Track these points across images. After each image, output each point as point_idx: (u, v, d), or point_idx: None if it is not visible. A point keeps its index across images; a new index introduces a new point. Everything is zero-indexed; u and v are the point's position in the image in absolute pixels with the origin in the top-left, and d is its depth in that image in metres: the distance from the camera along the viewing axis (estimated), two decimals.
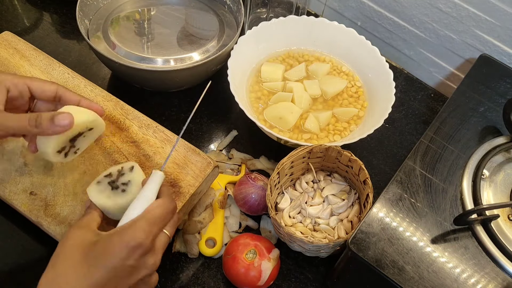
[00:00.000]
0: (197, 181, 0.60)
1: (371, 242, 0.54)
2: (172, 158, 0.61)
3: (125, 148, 0.62)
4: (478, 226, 0.56)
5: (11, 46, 0.71)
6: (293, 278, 0.65)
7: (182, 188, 0.59)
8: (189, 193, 0.59)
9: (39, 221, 0.58)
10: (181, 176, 0.60)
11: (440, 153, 0.63)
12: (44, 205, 0.59)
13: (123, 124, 0.65)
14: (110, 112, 0.65)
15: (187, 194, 0.59)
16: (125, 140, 0.63)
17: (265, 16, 0.90)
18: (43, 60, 0.70)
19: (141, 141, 0.63)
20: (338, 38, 0.81)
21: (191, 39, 0.80)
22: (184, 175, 0.60)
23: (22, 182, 0.60)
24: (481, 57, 0.76)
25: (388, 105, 0.70)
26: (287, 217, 0.65)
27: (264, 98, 0.76)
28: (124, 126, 0.64)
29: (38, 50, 0.71)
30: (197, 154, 0.62)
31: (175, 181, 0.60)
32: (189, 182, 0.60)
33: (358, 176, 0.64)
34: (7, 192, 0.60)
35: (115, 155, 0.62)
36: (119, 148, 0.62)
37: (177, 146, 0.62)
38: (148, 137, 0.63)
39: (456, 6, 0.75)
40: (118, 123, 0.65)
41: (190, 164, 0.61)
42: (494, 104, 0.70)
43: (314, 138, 0.73)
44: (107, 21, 0.80)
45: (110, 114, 0.65)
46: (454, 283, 0.52)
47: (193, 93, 0.81)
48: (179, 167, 0.61)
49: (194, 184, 0.59)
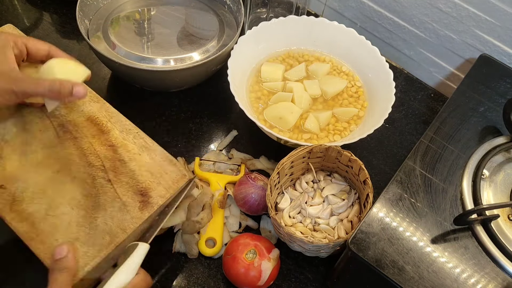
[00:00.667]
0: (168, 193, 0.58)
1: (371, 242, 0.54)
2: (147, 166, 0.60)
3: (102, 151, 0.61)
4: (478, 226, 0.56)
5: None
6: (293, 278, 0.65)
7: (152, 199, 0.57)
8: (157, 204, 0.57)
9: (3, 215, 0.57)
10: (153, 186, 0.58)
11: (440, 153, 0.63)
12: (12, 200, 0.57)
13: (105, 126, 0.63)
14: (94, 113, 0.64)
15: (155, 205, 0.57)
16: (104, 143, 0.62)
17: (265, 16, 0.90)
18: None
19: (119, 146, 0.62)
20: (338, 38, 0.81)
21: (191, 39, 0.80)
22: (156, 185, 0.58)
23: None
24: (481, 57, 0.76)
25: (388, 105, 0.70)
26: (287, 217, 0.65)
27: (264, 98, 0.77)
28: (105, 129, 0.63)
29: None
30: (173, 164, 0.60)
31: (145, 190, 0.58)
32: (160, 193, 0.58)
33: (358, 176, 0.64)
34: None
35: (90, 157, 0.61)
36: (96, 150, 0.61)
37: (154, 155, 0.61)
38: (127, 142, 0.62)
39: (456, 6, 0.75)
40: (100, 125, 0.64)
41: (164, 175, 0.59)
42: (494, 104, 0.70)
43: (314, 138, 0.73)
44: (107, 21, 0.80)
45: (94, 116, 0.64)
46: (454, 283, 0.52)
47: (193, 93, 0.82)
48: (152, 176, 0.59)
49: (164, 195, 0.58)
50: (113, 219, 0.56)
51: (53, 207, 0.56)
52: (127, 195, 0.58)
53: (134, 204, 0.57)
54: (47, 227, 0.55)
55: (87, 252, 0.53)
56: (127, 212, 0.56)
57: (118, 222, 0.56)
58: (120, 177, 0.59)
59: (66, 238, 0.54)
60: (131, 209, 0.57)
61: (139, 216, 0.56)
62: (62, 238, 0.54)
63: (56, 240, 0.54)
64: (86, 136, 0.62)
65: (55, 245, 0.53)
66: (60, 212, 0.56)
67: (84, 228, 0.55)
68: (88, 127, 0.63)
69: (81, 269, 0.52)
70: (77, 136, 0.62)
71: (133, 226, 0.55)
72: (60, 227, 0.55)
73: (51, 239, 0.54)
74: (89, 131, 0.63)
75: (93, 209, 0.56)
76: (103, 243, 0.54)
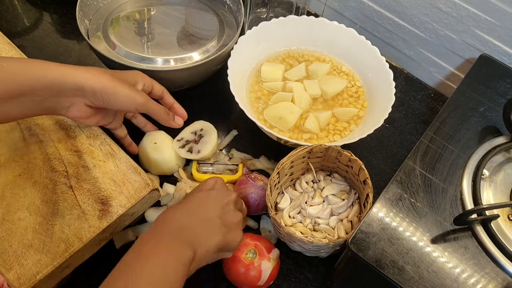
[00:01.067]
0: (129, 202, 0.57)
1: (371, 242, 0.54)
2: (110, 174, 0.59)
3: (66, 156, 0.60)
4: (478, 226, 0.56)
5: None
6: (293, 278, 0.65)
7: (112, 208, 0.56)
8: (117, 213, 0.56)
9: None
10: (114, 195, 0.57)
11: (440, 153, 0.63)
12: None
13: (73, 131, 0.63)
14: (64, 118, 0.63)
15: (115, 214, 0.56)
16: (70, 148, 0.61)
17: (265, 16, 0.90)
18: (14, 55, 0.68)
19: (84, 152, 0.61)
20: (338, 38, 0.81)
21: (191, 39, 0.80)
22: (117, 194, 0.58)
23: None
24: (481, 57, 0.76)
25: (388, 105, 0.70)
26: (287, 217, 0.65)
27: (264, 98, 0.77)
28: (73, 134, 0.63)
29: (12, 45, 0.70)
30: (138, 173, 0.59)
31: (106, 198, 0.57)
32: (121, 202, 0.57)
33: (358, 176, 0.64)
34: None
35: (54, 161, 0.60)
36: (60, 155, 0.60)
37: (119, 162, 0.60)
38: (93, 148, 0.61)
39: (456, 6, 0.75)
40: (68, 129, 0.63)
41: (127, 183, 0.58)
42: (494, 104, 0.70)
43: (314, 138, 0.73)
44: (107, 21, 0.80)
45: (63, 120, 0.63)
46: (454, 283, 0.52)
47: (193, 93, 0.81)
48: (115, 184, 0.58)
49: (125, 205, 0.57)
50: (70, 227, 0.55)
51: (11, 212, 0.55)
52: (87, 203, 0.57)
53: (93, 213, 0.56)
54: (2, 232, 0.54)
55: (40, 260, 0.52)
56: (86, 221, 0.55)
57: (75, 231, 0.54)
58: (82, 184, 0.58)
59: (21, 244, 0.53)
60: (89, 218, 0.56)
61: (97, 225, 0.55)
62: (17, 244, 0.53)
63: (10, 246, 0.53)
64: (52, 141, 0.61)
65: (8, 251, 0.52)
66: (17, 217, 0.55)
67: (40, 235, 0.54)
68: (56, 131, 0.62)
69: (33, 277, 0.51)
70: (43, 140, 0.61)
71: (89, 235, 0.54)
72: (16, 233, 0.54)
73: (5, 245, 0.53)
74: (56, 135, 0.62)
75: (51, 216, 0.55)
76: (58, 252, 0.53)
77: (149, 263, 0.45)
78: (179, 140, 0.71)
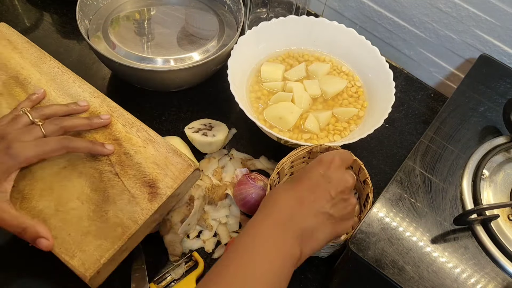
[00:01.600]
0: (176, 183, 0.58)
1: (371, 242, 0.54)
2: (152, 158, 0.60)
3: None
4: (478, 226, 0.56)
5: (5, 37, 0.71)
6: (293, 278, 0.64)
7: (160, 189, 0.58)
8: (166, 194, 0.58)
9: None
10: (160, 177, 0.59)
11: (440, 153, 0.63)
12: (21, 197, 0.58)
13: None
14: (96, 108, 0.65)
15: (164, 195, 0.58)
16: (108, 137, 0.62)
17: (265, 16, 0.90)
18: (35, 53, 0.69)
19: (123, 139, 0.62)
20: (338, 38, 0.81)
21: (191, 39, 0.80)
22: (163, 176, 0.59)
23: None
24: (481, 57, 0.76)
25: (388, 105, 0.70)
26: None
27: (264, 98, 0.77)
28: (108, 124, 0.64)
29: (31, 43, 0.71)
30: (179, 155, 0.61)
31: (153, 181, 0.58)
32: (168, 183, 0.58)
33: (358, 176, 0.64)
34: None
35: None
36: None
37: (158, 147, 0.61)
38: (131, 135, 0.62)
39: (456, 6, 0.75)
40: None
41: (170, 166, 0.60)
42: (494, 104, 0.70)
43: (314, 138, 0.73)
44: (107, 21, 0.80)
45: (96, 111, 0.64)
46: (454, 283, 0.52)
47: (193, 93, 0.82)
48: (159, 167, 0.60)
49: (172, 186, 0.58)
50: (123, 211, 0.56)
51: (62, 203, 0.57)
52: (135, 187, 0.58)
53: (143, 196, 0.57)
54: (59, 223, 0.56)
55: (101, 245, 0.54)
56: (137, 204, 0.57)
57: (128, 214, 0.56)
58: (127, 170, 0.59)
59: (79, 232, 0.55)
60: (140, 201, 0.57)
61: (149, 207, 0.57)
62: (75, 232, 0.55)
63: (68, 235, 0.55)
64: (89, 132, 0.63)
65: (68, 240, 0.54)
66: (70, 207, 0.57)
67: (96, 222, 0.56)
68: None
69: (97, 262, 0.53)
70: (81, 132, 0.62)
71: (143, 217, 0.56)
72: (71, 222, 0.56)
73: (64, 234, 0.55)
74: None
75: (103, 203, 0.57)
76: (116, 235, 0.55)
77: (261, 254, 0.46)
78: (190, 128, 0.72)
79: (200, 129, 0.72)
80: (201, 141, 0.70)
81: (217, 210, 0.68)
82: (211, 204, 0.69)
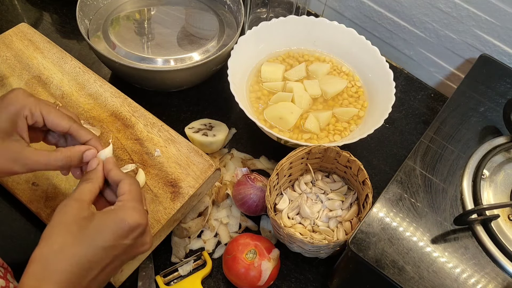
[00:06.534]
0: (198, 183, 0.60)
1: (371, 242, 0.54)
2: (174, 158, 0.61)
3: (128, 145, 0.63)
4: (478, 226, 0.56)
5: (26, 37, 0.72)
6: (293, 278, 0.65)
7: (182, 189, 0.59)
8: (188, 194, 0.59)
9: (39, 212, 0.59)
10: (182, 177, 0.60)
11: (440, 153, 0.63)
12: (45, 196, 0.59)
13: (129, 121, 0.65)
14: (117, 108, 0.66)
15: (186, 195, 0.59)
16: (130, 137, 0.63)
17: (265, 16, 0.90)
18: (56, 53, 0.70)
19: (145, 139, 0.63)
20: (338, 38, 0.81)
21: (191, 39, 0.80)
22: (185, 176, 0.60)
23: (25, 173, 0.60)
24: (481, 57, 0.76)
25: (388, 105, 0.70)
26: (286, 218, 0.65)
27: (264, 98, 0.76)
28: (130, 123, 0.65)
29: (52, 43, 0.72)
30: (200, 155, 0.62)
31: (175, 181, 0.60)
32: (190, 183, 0.60)
33: (357, 177, 0.64)
34: (10, 182, 0.61)
35: (118, 151, 0.62)
36: (122, 144, 0.63)
37: (180, 147, 0.62)
38: (152, 135, 0.63)
39: (456, 6, 0.75)
40: (124, 120, 0.65)
41: (191, 165, 0.61)
42: (494, 104, 0.70)
43: (314, 138, 0.73)
44: (107, 21, 0.80)
45: (117, 111, 0.65)
46: (454, 283, 0.52)
47: (193, 93, 0.81)
48: (180, 167, 0.61)
49: (194, 185, 0.59)
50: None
51: None
52: (158, 187, 0.59)
53: (165, 195, 0.58)
54: None
55: None
56: (160, 203, 0.58)
57: (151, 214, 0.57)
58: (149, 170, 0.60)
59: None
60: (163, 200, 0.58)
61: (171, 206, 0.57)
62: None
63: None
64: (111, 131, 0.63)
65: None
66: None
67: None
68: (113, 122, 0.64)
69: None
70: (103, 131, 0.63)
71: (166, 216, 0.57)
72: None
73: None
74: (114, 125, 0.64)
75: None
76: None
77: None
78: (190, 128, 0.72)
79: (200, 129, 0.72)
80: (201, 141, 0.70)
81: (219, 210, 0.68)
82: (214, 204, 0.69)
